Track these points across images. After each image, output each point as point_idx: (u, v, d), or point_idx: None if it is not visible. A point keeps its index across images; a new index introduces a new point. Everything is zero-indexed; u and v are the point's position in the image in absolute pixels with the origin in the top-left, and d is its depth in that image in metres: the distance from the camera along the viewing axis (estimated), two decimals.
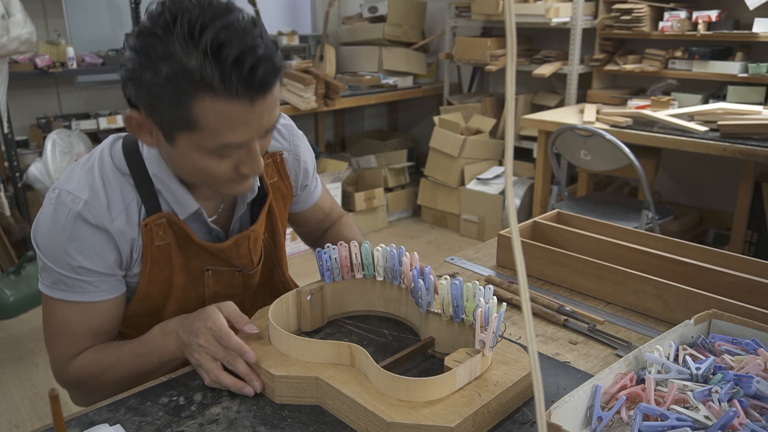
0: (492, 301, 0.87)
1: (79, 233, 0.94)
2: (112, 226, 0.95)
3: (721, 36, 3.07)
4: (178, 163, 0.93)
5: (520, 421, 0.83)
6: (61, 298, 0.97)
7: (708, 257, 1.16)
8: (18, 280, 3.01)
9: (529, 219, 1.36)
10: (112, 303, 1.01)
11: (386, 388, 0.81)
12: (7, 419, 2.24)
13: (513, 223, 0.42)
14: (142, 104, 0.87)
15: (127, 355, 0.98)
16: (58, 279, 0.96)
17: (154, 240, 0.99)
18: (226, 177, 0.92)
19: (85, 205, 0.93)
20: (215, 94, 0.81)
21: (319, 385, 0.85)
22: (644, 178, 2.53)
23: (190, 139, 0.86)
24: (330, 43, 4.32)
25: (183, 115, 0.83)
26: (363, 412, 0.79)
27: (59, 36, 3.56)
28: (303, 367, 0.87)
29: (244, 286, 1.15)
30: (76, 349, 1.00)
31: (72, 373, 1.01)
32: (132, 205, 0.97)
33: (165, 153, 0.95)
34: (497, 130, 3.99)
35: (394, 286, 1.05)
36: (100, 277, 0.97)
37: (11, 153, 3.12)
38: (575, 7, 3.47)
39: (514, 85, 0.40)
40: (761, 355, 0.84)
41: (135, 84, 0.84)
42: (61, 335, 1.00)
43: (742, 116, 2.68)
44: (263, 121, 0.87)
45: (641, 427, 0.73)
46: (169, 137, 0.88)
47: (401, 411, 0.78)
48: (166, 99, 0.82)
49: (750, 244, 3.06)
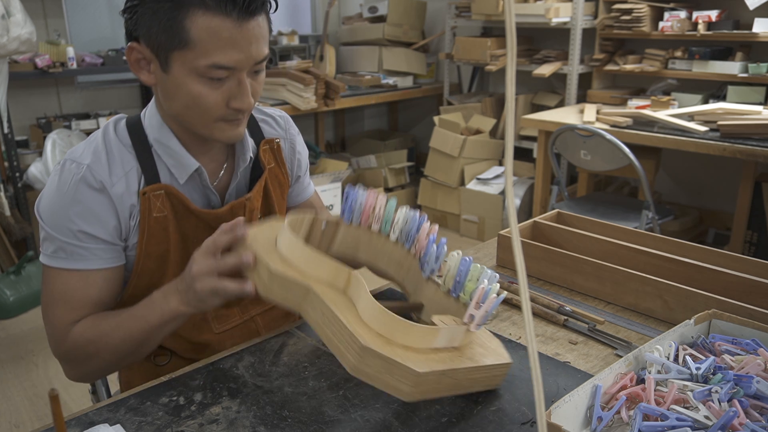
0: (495, 285, 0.87)
1: (81, 197, 0.97)
2: (112, 190, 0.98)
3: (721, 36, 3.07)
4: (174, 96, 0.96)
5: (519, 421, 0.83)
6: (61, 266, 0.98)
7: (708, 257, 1.16)
8: (18, 280, 3.01)
9: (529, 219, 1.36)
10: (111, 273, 1.01)
11: (371, 319, 0.82)
12: (7, 419, 2.24)
13: (513, 223, 0.42)
14: (141, 31, 0.93)
15: (126, 319, 0.97)
16: (59, 247, 0.97)
17: (152, 211, 1.01)
18: (217, 111, 0.96)
19: (87, 169, 0.98)
20: (206, 9, 0.88)
21: (308, 295, 0.85)
22: (644, 178, 2.53)
23: (183, 61, 0.91)
24: (330, 43, 4.33)
25: (176, 32, 0.89)
26: (341, 330, 0.79)
27: (59, 36, 3.56)
28: (300, 274, 0.86)
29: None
30: (75, 316, 0.99)
31: (70, 339, 0.99)
32: (132, 173, 1.01)
33: (162, 90, 0.98)
34: (497, 130, 3.99)
35: (404, 249, 1.03)
36: (99, 244, 0.98)
37: (11, 153, 3.12)
38: (575, 7, 3.47)
39: (514, 85, 0.40)
40: (761, 355, 0.84)
41: (135, 12, 0.92)
42: (60, 303, 0.99)
43: (742, 116, 2.68)
44: (251, 48, 0.93)
45: (641, 427, 0.73)
46: (164, 64, 0.93)
47: (377, 342, 0.78)
48: (161, 16, 0.89)
49: (750, 244, 3.06)
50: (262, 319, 1.21)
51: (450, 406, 0.86)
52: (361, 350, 0.76)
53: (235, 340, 1.17)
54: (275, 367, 0.96)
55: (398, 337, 0.81)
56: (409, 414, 0.84)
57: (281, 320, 1.24)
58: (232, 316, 1.17)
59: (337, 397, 0.88)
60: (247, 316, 1.19)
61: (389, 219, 1.03)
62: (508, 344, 1.01)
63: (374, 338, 0.79)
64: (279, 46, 4.30)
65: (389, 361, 0.76)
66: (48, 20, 3.59)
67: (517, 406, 0.86)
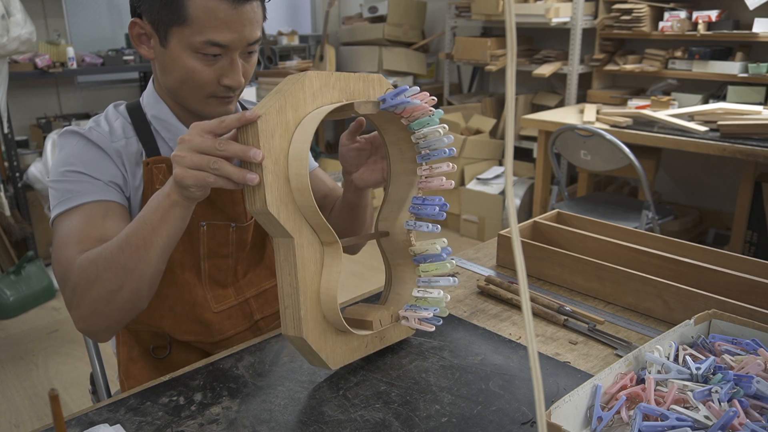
0: (442, 302, 0.95)
1: (81, 149, 1.03)
2: (111, 146, 1.04)
3: (721, 36, 3.07)
4: (170, 70, 1.01)
5: (519, 421, 0.83)
6: (62, 209, 0.99)
7: (708, 257, 1.16)
8: (18, 280, 3.01)
9: (529, 219, 1.36)
10: (114, 208, 1.00)
11: (325, 299, 0.86)
12: (7, 419, 2.24)
13: (513, 223, 0.42)
14: (143, 8, 0.99)
15: (128, 228, 0.91)
16: (60, 191, 1.00)
17: (154, 182, 1.05)
18: (209, 87, 1.01)
19: (89, 129, 1.05)
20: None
21: (286, 240, 0.83)
22: (644, 178, 2.53)
23: (180, 37, 0.97)
24: (330, 43, 4.33)
25: (175, 8, 0.95)
26: (293, 293, 0.84)
27: (59, 36, 3.56)
28: (293, 221, 0.83)
29: (238, 244, 1.17)
30: (80, 249, 0.95)
31: (75, 268, 0.93)
32: (132, 140, 1.07)
33: (159, 64, 1.03)
34: (497, 130, 3.99)
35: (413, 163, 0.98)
36: (93, 182, 1.01)
37: (11, 153, 3.12)
38: (575, 7, 3.47)
39: (514, 85, 0.39)
40: (761, 355, 0.84)
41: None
42: (66, 244, 0.96)
43: (742, 116, 2.68)
44: (245, 30, 0.97)
45: (641, 427, 0.73)
46: (163, 39, 0.99)
47: (314, 322, 0.85)
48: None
49: (750, 244, 3.06)
50: (256, 302, 1.23)
51: (450, 406, 0.86)
52: (295, 327, 0.85)
53: (232, 321, 1.19)
54: (275, 367, 0.96)
55: (338, 325, 0.88)
56: (409, 414, 0.84)
57: (274, 302, 1.26)
58: (227, 296, 1.19)
59: (337, 397, 0.88)
60: (241, 297, 1.21)
61: (423, 123, 0.93)
62: (508, 344, 1.02)
63: (315, 317, 0.86)
64: (279, 46, 4.30)
65: (312, 352, 0.87)
66: (48, 20, 3.59)
67: (517, 406, 0.86)
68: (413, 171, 0.99)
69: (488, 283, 1.21)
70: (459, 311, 1.13)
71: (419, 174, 0.98)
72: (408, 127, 0.95)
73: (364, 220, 1.18)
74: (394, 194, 1.01)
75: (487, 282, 1.22)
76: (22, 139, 3.45)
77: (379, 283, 1.21)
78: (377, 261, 1.12)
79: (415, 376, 0.93)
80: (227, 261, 1.17)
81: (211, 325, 1.16)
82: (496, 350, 1.00)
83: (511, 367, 0.95)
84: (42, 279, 3.08)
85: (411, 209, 0.98)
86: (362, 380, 0.92)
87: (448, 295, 0.96)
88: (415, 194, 0.99)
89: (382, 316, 0.96)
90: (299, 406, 0.86)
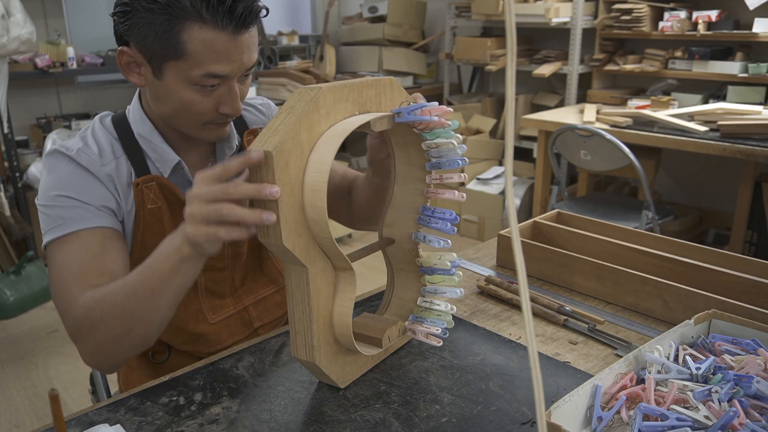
0: (449, 315, 0.95)
1: (71, 171, 0.99)
2: (102, 170, 1.00)
3: (721, 36, 3.07)
4: (164, 100, 0.98)
5: (519, 421, 0.83)
6: (57, 235, 0.96)
7: (708, 257, 1.16)
8: (18, 280, 3.01)
9: (529, 219, 1.36)
10: (110, 233, 0.98)
11: (338, 323, 0.86)
12: (7, 419, 2.24)
13: (513, 223, 0.42)
14: (133, 38, 0.94)
15: (134, 275, 0.88)
16: (51, 217, 0.97)
17: (146, 203, 1.02)
18: (207, 116, 0.98)
19: (78, 151, 1.00)
20: (203, 23, 0.90)
21: (299, 267, 0.81)
22: (644, 178, 2.53)
23: (177, 70, 0.93)
24: (330, 43, 4.33)
25: (172, 44, 0.91)
26: (305, 318, 0.83)
27: (59, 36, 3.56)
28: (307, 251, 0.80)
29: (233, 257, 1.15)
30: (80, 284, 0.93)
31: (79, 306, 0.91)
32: (122, 161, 1.03)
33: (152, 92, 1.00)
34: (497, 130, 3.99)
35: (422, 170, 0.95)
36: (86, 207, 0.97)
37: (11, 153, 3.12)
38: (575, 7, 3.47)
39: (514, 85, 0.39)
40: (761, 355, 0.84)
41: (129, 17, 0.92)
42: (65, 277, 0.94)
43: (742, 116, 2.68)
44: (244, 57, 0.95)
45: (641, 427, 0.73)
46: (157, 70, 0.94)
47: (325, 344, 0.85)
48: (157, 28, 0.90)
49: (750, 244, 3.06)
50: (255, 309, 1.22)
51: (450, 406, 0.86)
52: (308, 353, 0.85)
53: (230, 330, 1.18)
54: (275, 367, 0.96)
55: (347, 344, 0.88)
56: (409, 414, 0.84)
57: (274, 309, 1.25)
58: (225, 306, 1.18)
59: (337, 397, 0.88)
60: (240, 306, 1.20)
61: (437, 134, 0.90)
62: (508, 344, 1.01)
63: (326, 341, 0.86)
64: (279, 46, 4.30)
65: (322, 373, 0.87)
66: (48, 20, 3.59)
67: (517, 406, 0.86)
68: (421, 178, 0.96)
69: (488, 283, 1.21)
70: (459, 311, 1.13)
71: (428, 182, 0.95)
72: (419, 135, 0.91)
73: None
74: (400, 198, 0.98)
75: (487, 282, 1.22)
76: (22, 139, 3.45)
77: (380, 283, 1.21)
78: (378, 261, 1.12)
79: (415, 376, 0.93)
80: (224, 273, 1.16)
81: (208, 336, 1.15)
82: (496, 350, 1.00)
83: (511, 367, 0.95)
84: (42, 279, 3.08)
85: (419, 220, 0.96)
86: (362, 380, 0.92)
87: (454, 307, 0.95)
88: (424, 203, 0.96)
89: (390, 332, 0.93)
90: (299, 406, 0.86)
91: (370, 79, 0.88)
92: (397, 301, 1.01)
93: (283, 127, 0.76)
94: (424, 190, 0.96)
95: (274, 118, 0.78)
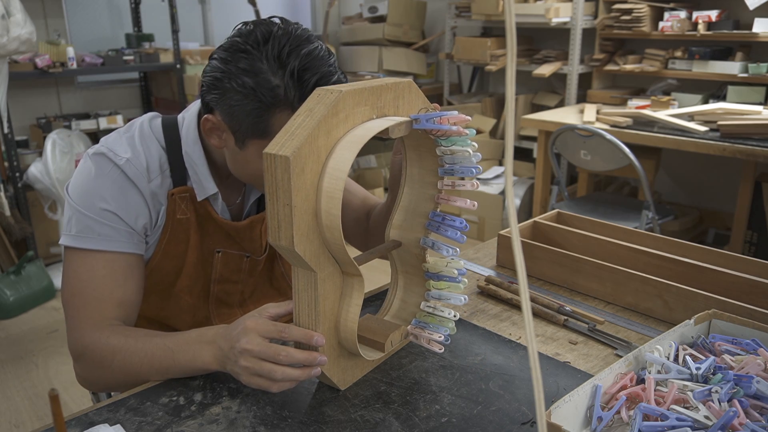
0: (452, 321, 0.94)
1: (118, 182, 0.98)
2: (148, 187, 1.00)
3: (721, 36, 3.07)
4: (242, 165, 0.99)
5: (519, 421, 0.83)
6: (87, 247, 0.96)
7: (708, 257, 1.16)
8: (18, 280, 3.01)
9: (529, 219, 1.36)
10: (135, 262, 1.00)
11: (344, 329, 0.86)
12: (7, 419, 2.24)
13: (513, 223, 0.42)
14: (221, 110, 0.95)
15: (155, 346, 0.92)
16: (85, 225, 0.97)
17: (176, 212, 1.03)
18: None
19: (127, 162, 0.99)
20: (293, 111, 0.88)
21: (308, 272, 0.81)
22: (644, 178, 2.53)
23: (260, 146, 0.93)
24: (330, 43, 4.33)
25: (260, 125, 0.92)
26: (310, 318, 0.83)
27: (59, 36, 3.56)
28: (318, 256, 0.80)
29: (249, 272, 1.18)
30: (99, 315, 0.96)
31: (91, 340, 0.95)
32: (167, 173, 1.03)
33: (230, 155, 1.01)
34: (497, 130, 3.99)
35: (434, 175, 0.95)
36: (125, 228, 0.98)
37: (11, 153, 3.12)
38: (575, 7, 3.47)
39: (514, 85, 0.39)
40: (761, 355, 0.84)
41: (218, 91, 0.93)
42: (86, 295, 0.96)
43: (742, 116, 2.68)
44: None
45: (641, 427, 0.73)
46: (240, 142, 0.96)
47: (327, 351, 0.86)
48: (248, 108, 0.91)
49: (750, 244, 3.06)
50: None
51: (450, 406, 0.86)
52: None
53: None
54: None
55: (352, 349, 0.88)
56: (409, 414, 0.84)
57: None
58: (233, 315, 1.18)
59: (337, 397, 0.88)
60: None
61: (453, 141, 0.90)
62: (508, 344, 1.01)
63: (331, 345, 0.86)
64: None
65: (325, 376, 0.88)
66: (48, 20, 3.59)
67: (517, 406, 0.86)
68: (433, 183, 0.94)
69: (488, 283, 1.21)
70: (459, 311, 1.13)
71: (440, 187, 0.94)
72: (434, 140, 0.90)
73: None
74: (409, 201, 0.97)
75: (487, 282, 1.22)
76: (22, 139, 3.45)
77: (380, 283, 1.21)
78: (378, 260, 1.11)
79: (415, 376, 0.93)
80: (236, 286, 1.18)
81: None
82: (496, 350, 1.00)
83: (511, 367, 0.95)
84: (42, 279, 3.08)
85: (429, 225, 0.95)
86: (362, 380, 0.92)
87: (457, 314, 0.95)
88: (434, 209, 0.95)
89: (393, 336, 0.92)
90: (299, 406, 0.86)
91: (389, 82, 0.87)
92: (399, 304, 1.01)
93: (301, 131, 0.75)
94: (435, 195, 0.95)
95: (292, 120, 0.77)
